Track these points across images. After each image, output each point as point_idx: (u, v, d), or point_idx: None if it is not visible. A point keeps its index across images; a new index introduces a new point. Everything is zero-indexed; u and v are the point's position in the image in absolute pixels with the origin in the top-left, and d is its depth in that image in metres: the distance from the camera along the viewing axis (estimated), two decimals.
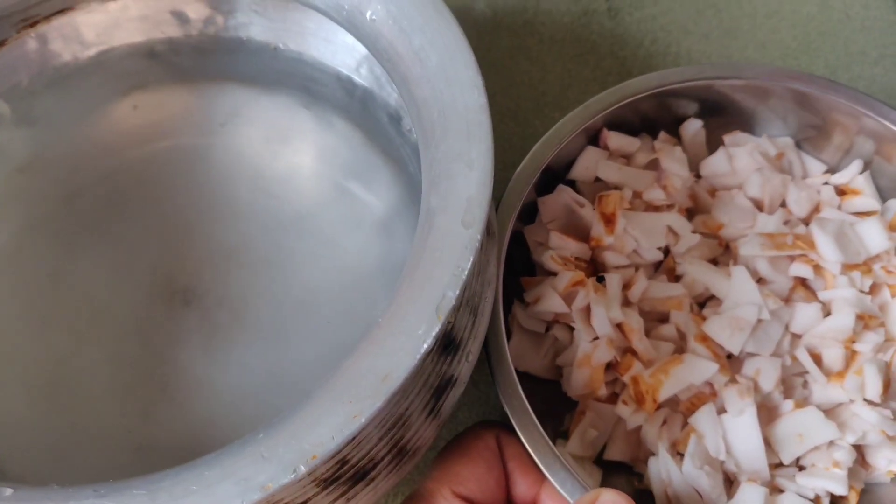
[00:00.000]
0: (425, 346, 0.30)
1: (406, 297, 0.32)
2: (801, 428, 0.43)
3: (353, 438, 0.30)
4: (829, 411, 0.44)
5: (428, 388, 0.36)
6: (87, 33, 0.49)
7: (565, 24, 0.58)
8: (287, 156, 0.50)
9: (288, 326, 0.46)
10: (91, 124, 0.50)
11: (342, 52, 0.49)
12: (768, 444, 0.43)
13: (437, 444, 0.44)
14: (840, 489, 0.42)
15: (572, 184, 0.49)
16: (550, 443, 0.40)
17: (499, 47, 0.57)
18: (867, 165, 0.49)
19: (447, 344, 0.37)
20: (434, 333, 0.30)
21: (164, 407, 0.45)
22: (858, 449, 0.44)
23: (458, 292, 0.31)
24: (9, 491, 0.31)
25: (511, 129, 0.55)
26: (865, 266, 0.46)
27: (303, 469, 0.29)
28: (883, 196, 0.48)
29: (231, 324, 0.46)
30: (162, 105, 0.51)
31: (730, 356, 0.45)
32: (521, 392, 0.41)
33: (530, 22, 0.57)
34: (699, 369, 0.43)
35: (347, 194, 0.49)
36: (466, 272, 0.31)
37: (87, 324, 0.46)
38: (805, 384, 0.45)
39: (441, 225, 0.33)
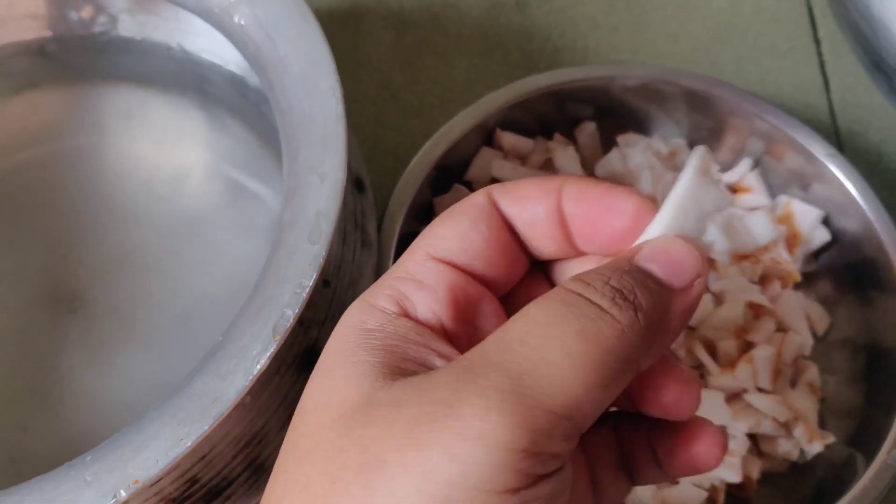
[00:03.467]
0: (258, 366, 0.29)
1: (246, 316, 0.31)
2: None
3: (198, 464, 0.29)
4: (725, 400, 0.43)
5: (287, 405, 0.35)
6: None
7: (473, 17, 0.56)
8: (180, 158, 0.49)
9: (174, 335, 0.45)
10: None
11: (236, 54, 0.48)
12: None
13: None
14: (733, 477, 0.42)
15: (469, 185, 0.48)
16: None
17: (405, 42, 0.56)
18: (757, 163, 0.49)
19: (309, 360, 0.36)
20: (269, 354, 0.29)
21: (43, 418, 0.44)
22: (754, 439, 0.44)
23: (297, 311, 0.30)
24: None
25: (415, 126, 0.54)
26: (755, 257, 0.46)
27: (123, 494, 0.28)
28: (774, 193, 0.49)
29: (117, 332, 0.45)
30: (53, 105, 0.50)
31: None
32: None
33: (437, 16, 0.56)
34: None
35: (240, 198, 0.48)
36: (307, 290, 0.30)
37: None
38: (702, 376, 0.44)
39: (288, 240, 0.32)
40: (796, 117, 0.47)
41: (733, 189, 0.49)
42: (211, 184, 0.49)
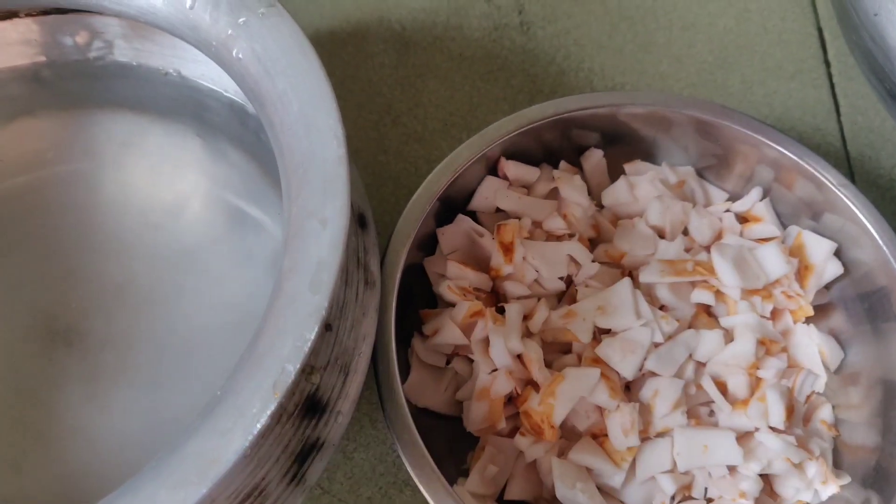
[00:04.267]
0: (259, 425, 0.28)
1: (244, 371, 0.30)
2: (707, 440, 0.42)
3: None
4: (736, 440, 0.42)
5: (289, 455, 0.34)
6: None
7: (476, 39, 0.55)
8: (178, 186, 0.48)
9: (171, 369, 0.44)
10: None
11: (234, 82, 0.47)
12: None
13: None
14: None
15: (473, 214, 0.47)
16: (447, 484, 0.39)
17: (406, 65, 0.55)
18: (767, 192, 0.48)
19: (311, 406, 0.35)
20: (269, 412, 0.28)
21: (37, 457, 0.43)
22: (766, 479, 0.43)
23: (298, 366, 0.29)
24: None
25: (416, 151, 0.53)
26: (766, 291, 0.45)
27: None
28: (784, 222, 0.48)
29: (113, 366, 0.44)
30: (48, 132, 0.49)
31: (629, 387, 0.43)
32: (415, 429, 0.40)
33: (440, 38, 0.55)
34: (583, 379, 0.42)
35: (239, 229, 0.47)
36: (310, 343, 0.29)
37: None
38: (711, 413, 0.44)
39: (288, 289, 0.31)
40: (805, 143, 0.47)
41: (743, 219, 0.48)
42: (209, 212, 0.47)
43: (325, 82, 0.34)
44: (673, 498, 0.42)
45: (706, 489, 0.42)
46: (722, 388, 0.44)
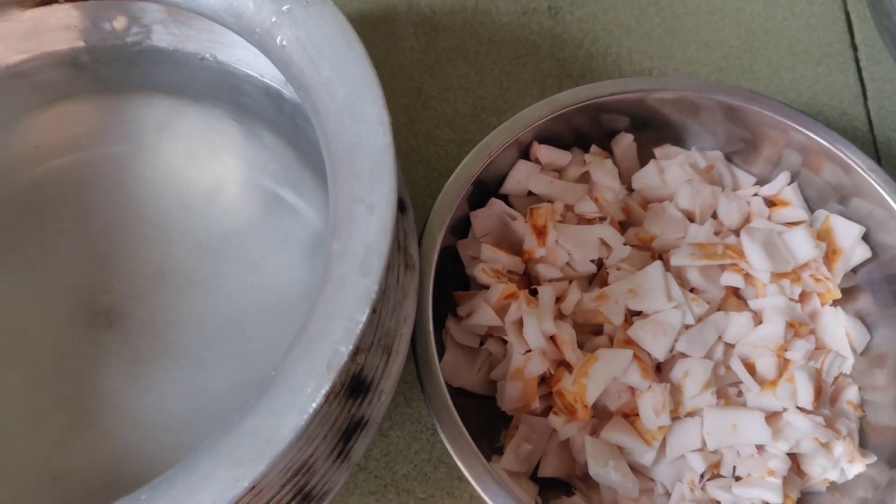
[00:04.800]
0: (314, 405, 0.29)
1: (298, 352, 0.30)
2: (736, 420, 0.43)
3: (245, 495, 0.29)
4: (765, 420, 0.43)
5: (335, 433, 0.35)
6: (5, 42, 0.48)
7: (504, 24, 0.56)
8: (214, 170, 0.49)
9: (210, 350, 0.45)
10: (11, 135, 0.49)
11: (271, 66, 0.47)
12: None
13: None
14: (775, 498, 0.42)
15: (505, 198, 0.48)
16: (484, 459, 0.40)
17: (437, 49, 0.55)
18: (795, 177, 0.49)
19: (356, 386, 0.36)
20: (323, 392, 0.29)
21: (82, 435, 0.44)
22: (794, 458, 0.44)
23: (351, 347, 0.30)
24: None
25: (447, 135, 0.53)
26: (794, 274, 0.46)
27: None
28: (811, 206, 0.48)
29: (154, 347, 0.45)
30: (86, 116, 0.50)
31: (659, 367, 0.44)
32: (453, 408, 0.41)
33: (469, 22, 0.56)
34: (616, 360, 0.43)
35: (275, 212, 0.48)
36: (361, 326, 0.30)
37: (2, 346, 0.45)
38: (740, 394, 0.45)
39: (338, 273, 0.32)
40: (832, 127, 0.47)
41: (770, 203, 0.48)
42: (246, 196, 0.48)
43: (371, 70, 0.35)
44: (702, 476, 0.43)
45: (734, 467, 0.43)
46: (750, 369, 0.44)
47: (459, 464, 0.40)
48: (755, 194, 0.49)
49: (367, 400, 0.36)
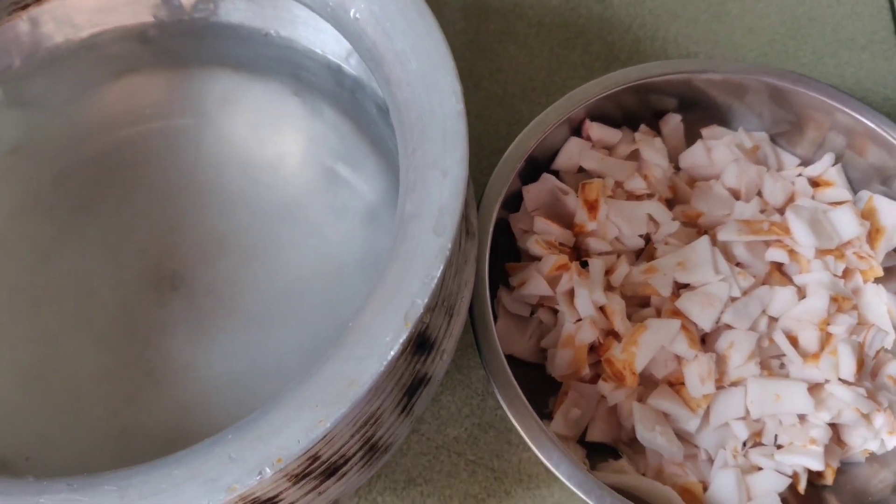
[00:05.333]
0: (392, 352, 0.31)
1: (376, 304, 0.32)
2: (779, 390, 0.44)
3: (319, 442, 0.31)
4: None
5: (401, 388, 0.37)
6: (79, 16, 0.50)
7: (553, 7, 0.57)
8: (276, 143, 0.51)
9: (271, 314, 0.47)
10: (82, 107, 0.51)
11: (332, 42, 0.49)
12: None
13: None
14: (817, 465, 0.43)
15: (556, 173, 0.50)
16: (538, 419, 0.42)
17: (487, 31, 0.57)
18: (839, 158, 0.50)
19: (421, 343, 0.37)
20: (401, 341, 0.31)
21: (148, 392, 0.46)
22: (834, 428, 0.45)
23: (426, 300, 0.32)
24: None
25: (498, 114, 0.55)
26: (838, 251, 0.47)
27: (268, 471, 0.30)
28: (854, 188, 0.50)
29: (217, 310, 0.47)
30: (153, 89, 0.52)
31: (704, 339, 0.46)
32: (509, 370, 0.43)
33: (518, 5, 0.57)
34: (664, 330, 0.44)
35: (334, 183, 0.49)
36: (436, 281, 0.32)
37: (74, 307, 0.47)
38: (782, 366, 0.46)
39: (413, 232, 0.33)
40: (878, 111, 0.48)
41: (814, 183, 0.50)
42: (306, 168, 0.50)
43: (443, 42, 0.37)
44: (745, 443, 0.45)
45: (776, 436, 0.45)
46: (793, 342, 0.46)
47: (515, 423, 0.41)
48: (799, 175, 0.50)
49: (430, 358, 0.38)
